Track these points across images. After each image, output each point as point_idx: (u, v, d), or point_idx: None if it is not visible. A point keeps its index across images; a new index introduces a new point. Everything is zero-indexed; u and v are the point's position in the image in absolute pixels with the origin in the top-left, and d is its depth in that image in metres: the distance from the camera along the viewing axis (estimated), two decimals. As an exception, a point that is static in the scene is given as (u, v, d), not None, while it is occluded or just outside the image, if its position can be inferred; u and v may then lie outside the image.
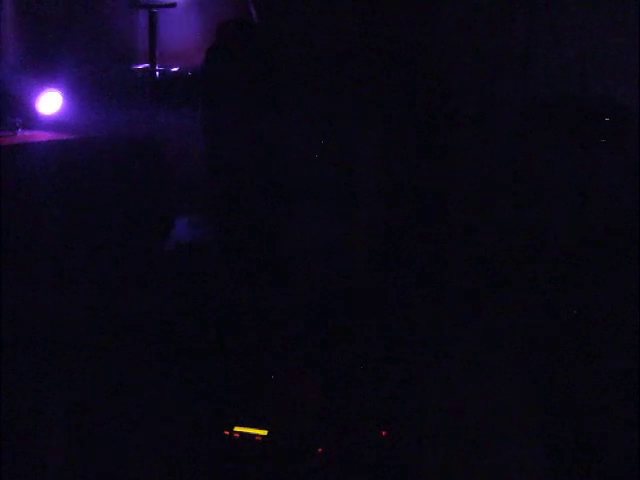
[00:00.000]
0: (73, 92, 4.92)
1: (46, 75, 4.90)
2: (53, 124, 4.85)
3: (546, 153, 4.27)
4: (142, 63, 5.19)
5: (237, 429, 2.63)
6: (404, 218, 2.66)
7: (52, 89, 4.88)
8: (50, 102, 4.87)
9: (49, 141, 4.66)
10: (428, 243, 2.74)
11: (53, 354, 3.96)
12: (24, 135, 4.74)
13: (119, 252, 4.46)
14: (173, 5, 5.11)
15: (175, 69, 5.13)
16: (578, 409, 3.51)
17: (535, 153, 4.27)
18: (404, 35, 2.76)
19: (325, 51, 2.57)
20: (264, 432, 2.60)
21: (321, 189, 2.55)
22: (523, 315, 3.82)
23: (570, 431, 3.42)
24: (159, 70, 5.10)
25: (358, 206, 2.59)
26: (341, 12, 2.57)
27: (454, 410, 3.13)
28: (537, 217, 4.15)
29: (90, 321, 4.16)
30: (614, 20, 4.45)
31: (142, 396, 3.58)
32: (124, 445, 3.38)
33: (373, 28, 2.68)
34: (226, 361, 2.85)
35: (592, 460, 3.32)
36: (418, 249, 2.71)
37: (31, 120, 4.84)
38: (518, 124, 4.37)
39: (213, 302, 2.72)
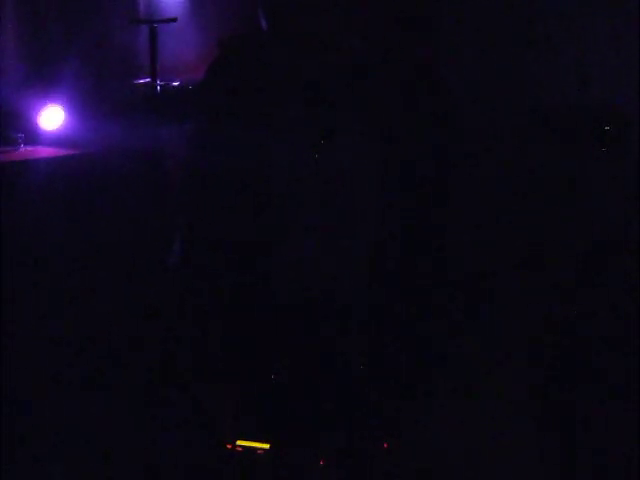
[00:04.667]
0: (75, 107, 4.93)
1: (48, 90, 4.91)
2: (55, 139, 4.86)
3: (546, 162, 4.27)
4: (143, 78, 5.21)
5: (239, 442, 2.62)
6: (404, 229, 2.65)
7: (54, 104, 4.89)
8: (52, 117, 4.88)
9: (52, 157, 4.67)
10: (429, 254, 2.73)
11: (54, 366, 3.96)
12: (26, 151, 4.75)
13: (123, 267, 4.47)
14: (174, 20, 5.14)
15: (176, 83, 5.16)
16: (581, 424, 3.51)
17: (535, 162, 4.28)
18: (407, 47, 2.76)
19: (332, 66, 2.57)
20: (266, 445, 2.59)
21: (321, 205, 2.54)
22: (526, 326, 3.82)
23: (574, 447, 3.42)
24: (160, 85, 5.12)
25: (357, 221, 2.58)
26: (348, 26, 2.57)
27: (456, 422, 3.13)
28: (537, 225, 4.16)
29: (93, 333, 4.17)
30: (614, 28, 4.45)
31: (142, 409, 3.58)
32: (125, 458, 3.38)
33: (378, 41, 2.67)
34: (228, 374, 2.84)
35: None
36: (418, 260, 2.69)
37: (33, 136, 4.85)
38: (518, 133, 4.38)
39: (214, 314, 2.72)
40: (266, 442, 2.58)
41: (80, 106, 4.96)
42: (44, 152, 4.77)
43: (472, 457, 3.20)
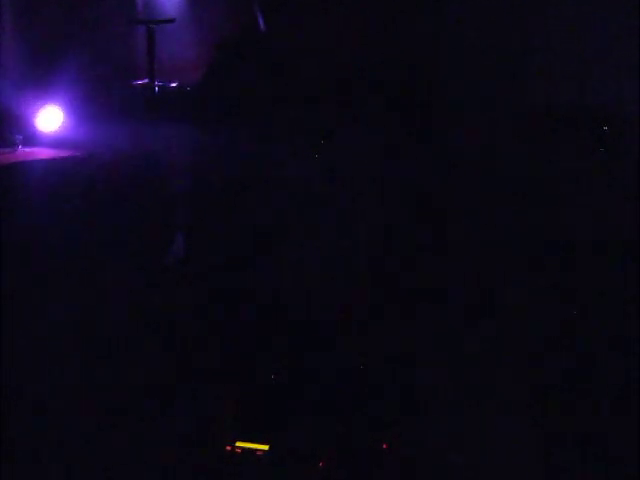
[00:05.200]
0: (73, 109, 4.93)
1: (46, 92, 4.91)
2: (53, 141, 4.86)
3: (545, 161, 4.27)
4: (141, 79, 5.21)
5: (239, 444, 2.63)
6: (405, 226, 2.66)
7: (52, 106, 4.89)
8: (50, 119, 4.88)
9: (50, 158, 4.66)
10: (429, 253, 2.74)
11: (53, 366, 3.95)
12: (25, 152, 4.75)
13: (120, 267, 4.46)
14: (172, 21, 5.14)
15: (174, 84, 5.15)
16: (580, 424, 3.50)
17: (534, 162, 4.28)
18: (406, 47, 2.76)
19: (329, 64, 2.58)
20: (265, 447, 2.60)
21: (321, 205, 2.55)
22: (524, 326, 3.82)
23: (573, 447, 3.41)
24: (158, 85, 5.11)
25: (358, 217, 2.59)
26: (347, 28, 2.57)
27: (454, 423, 3.12)
28: (536, 224, 4.16)
29: (92, 334, 4.16)
30: (613, 29, 4.45)
31: (143, 412, 3.57)
32: (125, 460, 3.37)
33: (377, 37, 2.68)
34: (228, 375, 2.85)
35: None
36: (419, 258, 2.70)
37: (31, 137, 4.85)
38: (517, 133, 4.38)
39: (214, 315, 2.73)
40: (265, 443, 2.58)
41: (78, 107, 4.96)
42: (42, 153, 4.77)
43: (472, 456, 3.19)
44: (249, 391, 2.68)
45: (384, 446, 2.61)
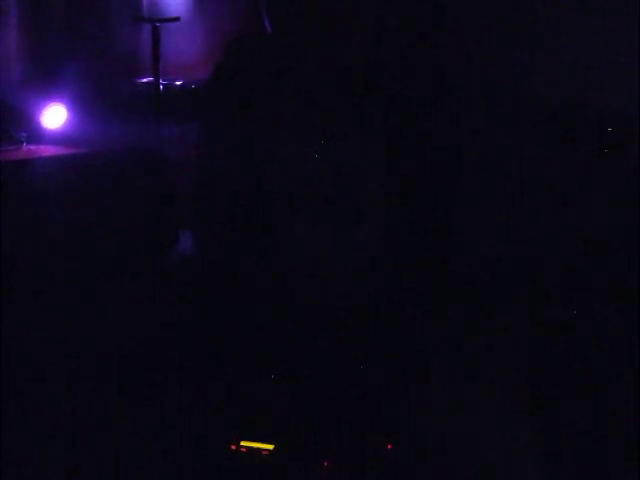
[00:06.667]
0: (78, 106, 4.94)
1: (50, 89, 4.92)
2: (58, 138, 4.87)
3: (548, 163, 4.28)
4: (146, 77, 5.23)
5: (244, 443, 2.64)
6: (407, 226, 2.67)
7: (57, 103, 4.90)
8: (55, 116, 4.89)
9: (54, 156, 4.67)
10: (431, 254, 2.75)
11: (54, 366, 3.96)
12: (29, 149, 4.76)
13: (124, 266, 4.47)
14: (177, 19, 5.15)
15: (179, 82, 5.17)
16: (583, 425, 3.51)
17: (536, 163, 4.28)
18: (407, 47, 2.77)
19: (333, 67, 2.58)
20: (270, 446, 2.61)
21: (326, 205, 2.56)
22: (526, 329, 3.82)
23: (575, 449, 3.42)
24: (163, 84, 5.13)
25: (361, 220, 2.60)
26: (350, 27, 2.58)
27: (459, 423, 3.13)
28: (538, 228, 4.16)
29: (94, 333, 4.17)
30: (617, 29, 4.46)
31: (146, 410, 3.58)
32: (127, 460, 3.38)
33: (378, 42, 2.68)
34: (232, 375, 2.86)
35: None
36: (420, 260, 2.71)
37: (36, 134, 4.86)
38: (519, 134, 4.38)
39: (217, 315, 2.73)
40: (270, 443, 2.59)
41: (83, 105, 4.97)
42: (47, 151, 4.78)
43: (473, 456, 3.20)
44: (254, 389, 2.69)
45: (388, 446, 2.62)
